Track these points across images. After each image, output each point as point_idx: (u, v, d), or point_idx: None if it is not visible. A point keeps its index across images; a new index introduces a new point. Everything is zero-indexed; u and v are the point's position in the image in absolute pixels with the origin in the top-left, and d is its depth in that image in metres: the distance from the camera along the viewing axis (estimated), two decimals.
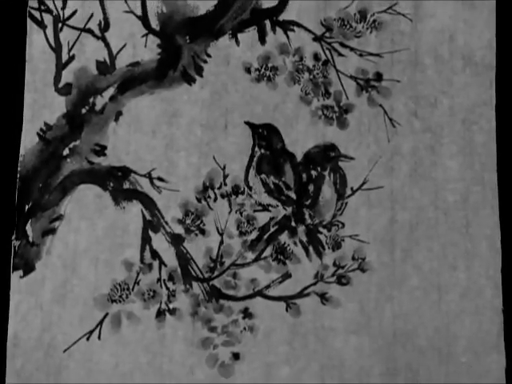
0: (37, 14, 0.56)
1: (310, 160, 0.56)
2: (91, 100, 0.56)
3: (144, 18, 0.56)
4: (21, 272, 0.55)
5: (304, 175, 0.56)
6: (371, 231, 0.55)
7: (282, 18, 0.56)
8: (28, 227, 0.55)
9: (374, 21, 0.56)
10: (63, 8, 0.56)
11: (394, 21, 0.56)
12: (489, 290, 0.55)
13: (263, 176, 0.56)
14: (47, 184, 0.56)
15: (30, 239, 0.55)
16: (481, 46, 0.56)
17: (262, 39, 0.56)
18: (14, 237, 0.55)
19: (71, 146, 0.56)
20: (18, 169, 0.55)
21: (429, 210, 0.55)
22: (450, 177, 0.55)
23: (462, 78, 0.56)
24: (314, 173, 0.56)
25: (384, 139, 0.56)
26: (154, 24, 0.56)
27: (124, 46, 0.56)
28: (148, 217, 0.55)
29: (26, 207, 0.55)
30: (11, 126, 0.56)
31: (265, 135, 0.56)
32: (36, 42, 0.56)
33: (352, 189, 0.56)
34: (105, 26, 0.56)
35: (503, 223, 0.55)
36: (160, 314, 0.55)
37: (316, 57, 0.56)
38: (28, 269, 0.55)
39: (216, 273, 0.55)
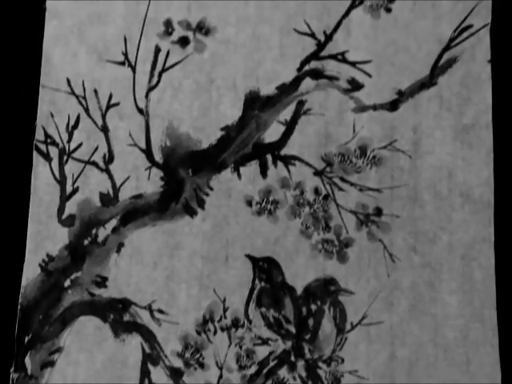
0: (43, 147, 0.57)
1: (309, 294, 0.56)
2: (94, 231, 0.57)
3: (148, 152, 0.57)
4: None
5: (304, 309, 0.56)
6: (370, 367, 0.55)
7: (283, 152, 0.57)
8: (27, 359, 0.55)
9: (374, 157, 0.57)
10: (69, 141, 0.57)
11: (394, 157, 0.57)
12: None
13: (263, 309, 0.56)
14: (48, 315, 0.56)
15: (29, 372, 0.55)
16: (479, 184, 0.57)
17: (264, 173, 0.57)
18: (12, 369, 0.55)
19: (73, 277, 0.56)
20: (19, 300, 0.56)
21: (428, 346, 0.55)
22: (450, 313, 0.55)
23: (461, 215, 0.56)
24: (313, 307, 0.56)
25: (384, 274, 0.56)
26: (158, 157, 0.57)
27: (127, 178, 0.57)
28: (147, 350, 0.55)
29: (26, 339, 0.55)
30: (14, 257, 0.56)
31: (265, 268, 0.56)
32: (41, 175, 0.57)
33: (352, 324, 0.56)
34: (109, 158, 0.57)
35: (503, 361, 0.55)
36: None
37: (316, 191, 0.57)
38: None
39: None
